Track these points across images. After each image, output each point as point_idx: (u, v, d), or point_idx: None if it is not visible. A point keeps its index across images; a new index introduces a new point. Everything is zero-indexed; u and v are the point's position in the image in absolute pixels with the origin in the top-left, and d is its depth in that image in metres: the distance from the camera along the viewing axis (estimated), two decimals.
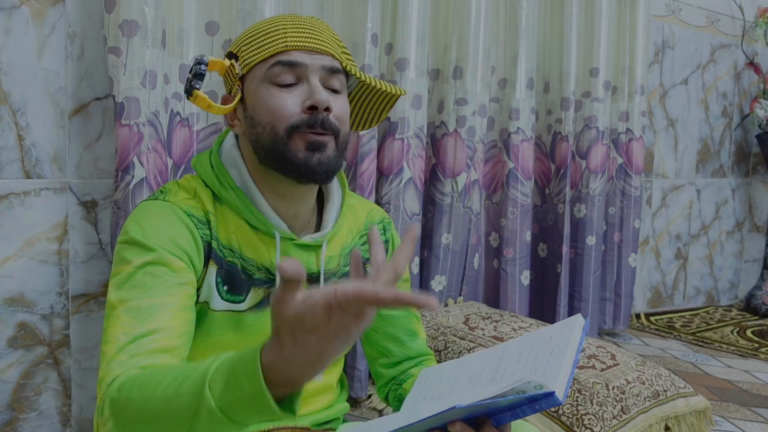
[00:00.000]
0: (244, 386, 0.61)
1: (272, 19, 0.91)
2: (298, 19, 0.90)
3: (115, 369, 0.73)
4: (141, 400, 0.69)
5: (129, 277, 0.80)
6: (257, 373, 0.59)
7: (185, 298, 0.82)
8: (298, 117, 0.85)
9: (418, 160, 1.85)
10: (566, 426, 1.39)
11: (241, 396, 0.61)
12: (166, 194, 0.90)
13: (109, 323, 0.78)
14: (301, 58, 0.86)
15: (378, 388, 1.10)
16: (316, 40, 0.88)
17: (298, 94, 0.86)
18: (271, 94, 0.86)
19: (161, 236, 0.83)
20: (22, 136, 1.40)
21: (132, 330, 0.76)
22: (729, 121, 3.19)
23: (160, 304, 0.78)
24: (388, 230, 1.06)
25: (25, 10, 1.38)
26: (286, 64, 0.86)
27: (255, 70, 0.88)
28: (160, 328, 0.77)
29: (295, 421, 0.95)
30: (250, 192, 0.90)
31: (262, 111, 0.86)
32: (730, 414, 1.83)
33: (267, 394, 0.59)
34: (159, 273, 0.80)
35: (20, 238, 1.41)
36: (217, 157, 0.92)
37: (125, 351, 0.75)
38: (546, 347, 0.80)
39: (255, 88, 0.88)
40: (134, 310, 0.77)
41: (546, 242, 2.31)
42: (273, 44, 0.87)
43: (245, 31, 0.93)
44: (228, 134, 0.96)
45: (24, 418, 1.44)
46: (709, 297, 3.25)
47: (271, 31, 0.88)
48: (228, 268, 0.88)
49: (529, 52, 2.12)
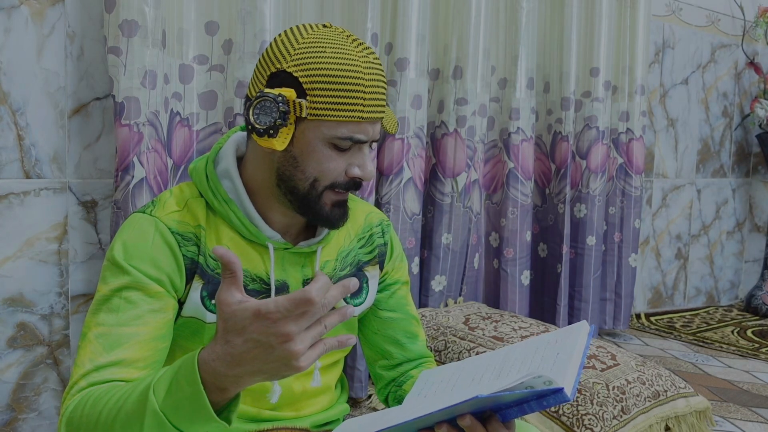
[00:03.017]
0: (184, 388, 0.66)
1: (348, 61, 0.83)
2: (372, 71, 0.85)
3: (74, 393, 0.78)
4: (94, 414, 0.73)
5: (105, 300, 0.83)
6: (195, 374, 0.65)
7: (158, 326, 0.83)
8: (341, 179, 0.87)
9: (418, 160, 1.84)
10: (566, 426, 1.39)
11: (182, 398, 0.66)
12: (155, 206, 0.89)
13: (81, 345, 0.82)
14: (367, 133, 0.86)
15: (377, 390, 1.09)
16: (381, 107, 0.88)
17: (348, 157, 0.87)
18: (329, 156, 0.85)
19: (142, 258, 0.84)
20: (21, 136, 1.39)
21: (97, 358, 0.79)
22: (729, 121, 3.19)
23: (130, 333, 0.81)
24: (387, 233, 1.05)
25: (24, 9, 1.38)
26: (355, 141, 0.85)
27: (322, 125, 0.84)
28: (124, 359, 0.79)
29: (294, 421, 0.95)
30: (242, 204, 0.89)
31: (313, 166, 0.86)
32: (731, 414, 1.83)
33: (203, 394, 0.65)
34: (134, 299, 0.82)
35: (20, 238, 1.40)
36: (212, 167, 0.91)
37: (87, 377, 0.78)
38: (552, 350, 0.80)
39: (313, 140, 0.85)
40: (104, 336, 0.80)
41: (546, 242, 2.31)
42: (350, 109, 0.83)
43: (316, 58, 0.83)
44: (227, 143, 0.94)
45: (23, 419, 1.44)
46: (710, 297, 3.25)
47: (350, 87, 0.83)
48: (216, 281, 0.88)
49: (529, 52, 2.12)
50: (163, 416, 0.67)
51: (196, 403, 0.65)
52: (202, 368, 0.65)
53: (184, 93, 1.52)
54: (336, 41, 0.84)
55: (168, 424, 0.67)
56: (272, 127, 0.81)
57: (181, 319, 0.88)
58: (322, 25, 0.87)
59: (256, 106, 0.81)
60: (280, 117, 0.81)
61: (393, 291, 1.05)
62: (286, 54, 0.84)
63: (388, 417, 0.76)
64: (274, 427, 0.93)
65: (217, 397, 0.66)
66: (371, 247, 1.02)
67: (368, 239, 1.02)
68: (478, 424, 0.73)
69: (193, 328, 0.88)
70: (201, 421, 0.66)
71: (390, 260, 1.05)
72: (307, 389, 0.95)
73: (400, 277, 1.06)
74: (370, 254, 1.01)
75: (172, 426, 0.67)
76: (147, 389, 0.69)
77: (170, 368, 0.70)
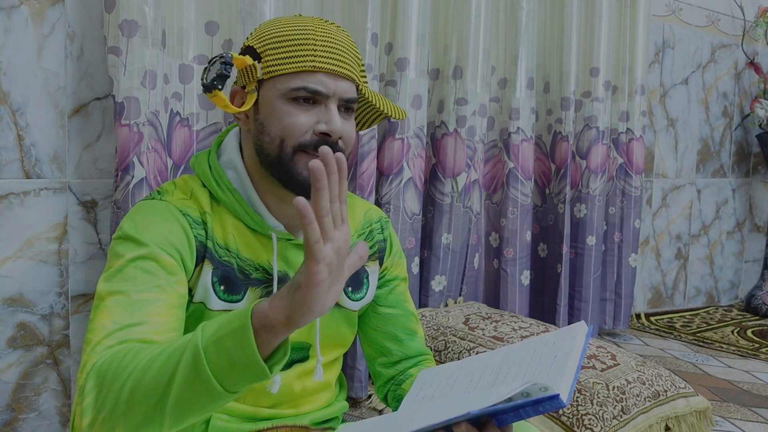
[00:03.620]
0: (232, 322, 0.65)
1: (301, 24, 0.88)
2: (327, 31, 0.88)
3: (101, 352, 0.72)
4: (130, 363, 0.68)
5: (120, 270, 0.80)
6: (246, 312, 0.64)
7: (176, 296, 0.82)
8: (308, 137, 0.86)
9: (418, 160, 1.85)
10: (566, 426, 1.39)
11: (228, 332, 0.64)
12: (162, 194, 0.90)
13: (97, 313, 0.77)
14: (325, 85, 0.86)
15: (377, 388, 1.10)
16: (342, 63, 0.87)
17: (314, 114, 0.86)
18: (288, 111, 0.86)
19: (155, 233, 0.83)
20: (21, 136, 1.40)
21: (121, 319, 0.75)
22: (729, 121, 3.19)
23: (151, 299, 0.78)
24: (386, 229, 1.06)
25: (24, 9, 1.38)
26: (310, 91, 0.85)
27: (276, 81, 0.86)
28: (150, 321, 0.76)
29: (294, 419, 0.96)
30: (247, 193, 0.90)
31: (276, 124, 0.86)
32: (731, 414, 1.83)
33: (249, 329, 0.63)
34: (150, 268, 0.80)
35: (20, 238, 1.41)
36: (215, 158, 0.92)
37: (113, 336, 0.73)
38: (549, 351, 0.80)
39: (272, 98, 0.87)
40: (124, 302, 0.77)
41: (546, 242, 2.31)
42: (301, 60, 0.85)
43: (271, 27, 0.89)
44: (228, 135, 0.96)
45: (24, 419, 1.44)
46: (710, 297, 3.25)
47: (300, 41, 0.86)
48: (224, 267, 0.88)
49: (529, 52, 2.12)
50: (202, 354, 0.64)
51: (241, 335, 0.63)
52: (255, 313, 0.64)
53: (184, 93, 1.52)
54: (299, 19, 0.90)
55: (204, 363, 0.64)
56: (216, 78, 0.86)
57: (191, 306, 0.87)
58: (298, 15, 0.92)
59: (206, 69, 0.88)
60: (223, 68, 0.86)
61: (392, 287, 1.06)
62: (252, 34, 0.91)
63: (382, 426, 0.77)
64: (273, 425, 0.94)
65: (265, 339, 0.64)
66: (371, 243, 1.03)
67: (368, 235, 1.03)
68: (475, 430, 0.73)
69: (196, 317, 0.88)
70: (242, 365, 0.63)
71: (389, 256, 1.06)
72: (306, 387, 0.96)
73: (398, 274, 1.07)
74: (370, 250, 1.02)
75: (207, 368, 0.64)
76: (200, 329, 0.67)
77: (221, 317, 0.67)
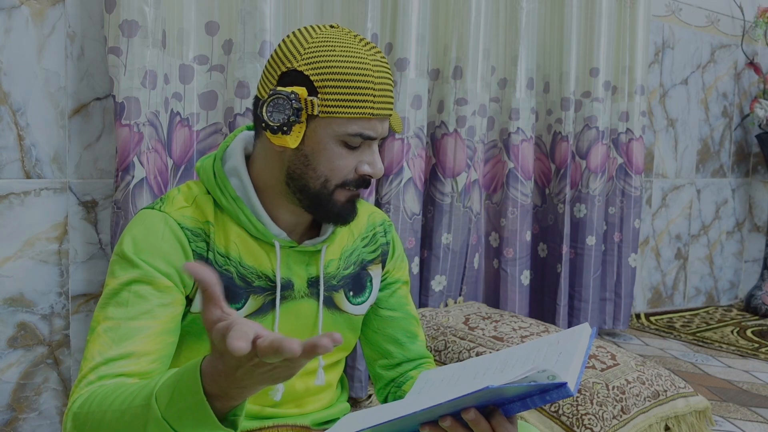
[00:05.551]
0: (186, 398, 0.65)
1: (358, 59, 0.85)
2: (381, 68, 0.87)
3: (83, 387, 0.78)
4: (99, 413, 0.73)
5: (114, 294, 0.83)
6: (197, 385, 0.64)
7: (167, 320, 0.84)
8: (351, 177, 0.88)
9: (418, 160, 1.85)
10: (566, 426, 1.39)
11: (184, 407, 0.66)
12: (164, 203, 0.90)
13: (90, 339, 0.82)
14: (376, 130, 0.87)
15: (377, 390, 1.10)
16: (391, 104, 0.89)
17: (358, 155, 0.88)
18: (339, 154, 0.86)
19: (152, 252, 0.85)
20: (22, 136, 1.40)
21: (106, 351, 0.79)
22: (729, 121, 3.19)
23: (139, 327, 0.81)
24: (389, 233, 1.07)
25: (25, 10, 1.38)
26: (364, 137, 0.86)
27: (332, 122, 0.85)
28: (134, 352, 0.80)
29: (296, 419, 0.96)
30: (250, 202, 0.90)
31: (324, 164, 0.86)
32: (730, 414, 1.83)
33: (206, 405, 0.64)
34: (143, 293, 0.83)
35: (20, 238, 1.41)
36: (220, 165, 0.92)
37: (96, 371, 0.79)
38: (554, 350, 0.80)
39: (325, 137, 0.86)
40: (113, 330, 0.81)
41: (546, 242, 2.31)
42: (361, 106, 0.85)
43: (325, 55, 0.84)
44: (234, 140, 0.95)
45: (24, 418, 1.44)
46: (709, 297, 3.25)
47: (360, 84, 0.84)
48: (225, 277, 0.88)
49: (529, 52, 2.12)
50: (166, 423, 0.67)
51: (200, 412, 0.65)
52: (205, 380, 0.65)
53: (184, 93, 1.52)
54: (344, 41, 0.86)
55: (171, 430, 0.67)
56: (286, 123, 0.82)
57: (189, 316, 0.88)
58: (329, 26, 0.89)
59: (270, 103, 0.83)
60: (294, 114, 0.82)
61: (393, 290, 1.06)
62: (296, 53, 0.85)
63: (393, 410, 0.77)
64: (275, 424, 0.94)
65: (221, 405, 0.66)
66: (374, 246, 1.03)
67: (372, 238, 1.03)
68: (482, 418, 0.73)
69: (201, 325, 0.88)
70: (206, 428, 0.66)
71: (392, 259, 1.06)
72: (309, 387, 0.96)
73: (400, 277, 1.08)
74: (373, 253, 1.03)
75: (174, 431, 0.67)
76: (150, 396, 0.68)
77: (173, 375, 0.69)
